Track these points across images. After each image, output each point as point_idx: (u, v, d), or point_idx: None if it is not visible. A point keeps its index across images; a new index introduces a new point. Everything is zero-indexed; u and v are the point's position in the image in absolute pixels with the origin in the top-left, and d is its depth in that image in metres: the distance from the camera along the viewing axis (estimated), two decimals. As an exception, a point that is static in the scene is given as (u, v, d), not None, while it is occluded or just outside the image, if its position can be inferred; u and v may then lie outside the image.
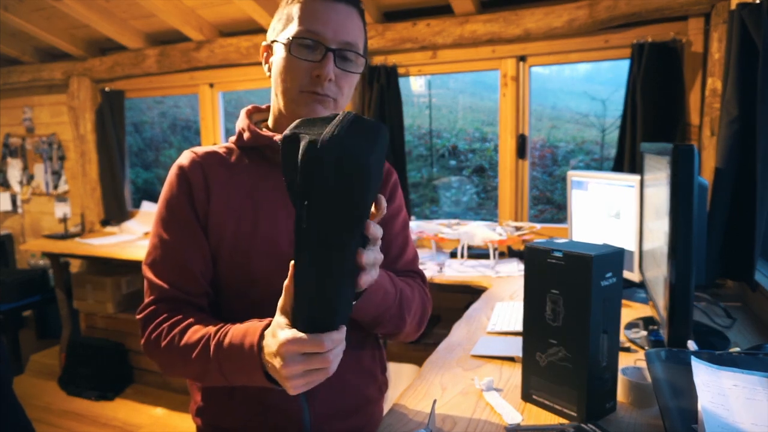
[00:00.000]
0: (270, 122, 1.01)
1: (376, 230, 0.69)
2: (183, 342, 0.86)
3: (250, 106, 1.05)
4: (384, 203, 0.71)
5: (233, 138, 1.02)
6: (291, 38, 0.90)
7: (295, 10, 0.91)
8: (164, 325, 0.89)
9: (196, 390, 1.03)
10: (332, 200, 0.62)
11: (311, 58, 0.90)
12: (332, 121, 0.63)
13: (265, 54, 0.99)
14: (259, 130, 0.98)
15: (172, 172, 0.98)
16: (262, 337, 0.77)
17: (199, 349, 0.84)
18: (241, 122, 1.01)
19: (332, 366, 0.70)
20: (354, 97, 2.79)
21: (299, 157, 0.62)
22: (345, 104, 0.97)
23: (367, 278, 0.70)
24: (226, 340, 0.81)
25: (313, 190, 0.62)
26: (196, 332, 0.86)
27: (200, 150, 1.00)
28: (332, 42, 0.90)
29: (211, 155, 0.99)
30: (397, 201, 1.10)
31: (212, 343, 0.82)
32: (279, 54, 0.93)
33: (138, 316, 0.93)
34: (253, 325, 0.80)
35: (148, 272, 0.95)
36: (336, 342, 0.69)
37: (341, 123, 0.63)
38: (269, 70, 0.98)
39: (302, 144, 0.62)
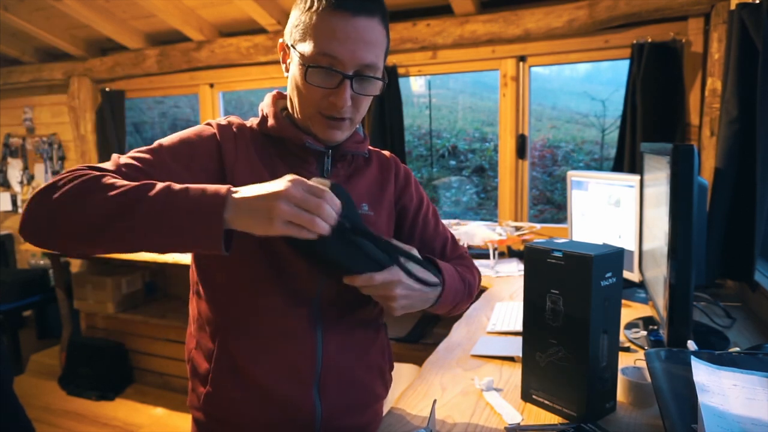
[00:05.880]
0: (291, 112, 0.98)
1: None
2: (113, 180, 0.75)
3: (275, 92, 1.02)
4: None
5: (255, 120, 0.99)
6: (306, 65, 0.87)
7: (313, 22, 0.86)
8: (96, 173, 0.77)
9: (199, 381, 1.00)
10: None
11: (327, 84, 0.87)
12: None
13: (282, 52, 0.96)
14: (285, 122, 0.96)
15: (207, 126, 0.95)
16: (230, 191, 0.73)
17: (132, 187, 0.73)
18: (268, 108, 0.99)
19: (319, 222, 0.72)
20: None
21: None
22: (361, 118, 0.96)
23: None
24: (178, 186, 0.74)
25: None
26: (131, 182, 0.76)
27: (234, 119, 0.98)
28: (349, 66, 0.86)
29: (244, 127, 0.97)
30: (425, 199, 1.15)
31: (158, 186, 0.74)
32: (295, 70, 0.91)
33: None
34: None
35: (121, 159, 0.85)
36: (334, 204, 0.74)
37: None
38: (287, 70, 0.95)
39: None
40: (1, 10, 3.10)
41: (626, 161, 2.32)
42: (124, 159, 0.86)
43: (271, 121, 0.96)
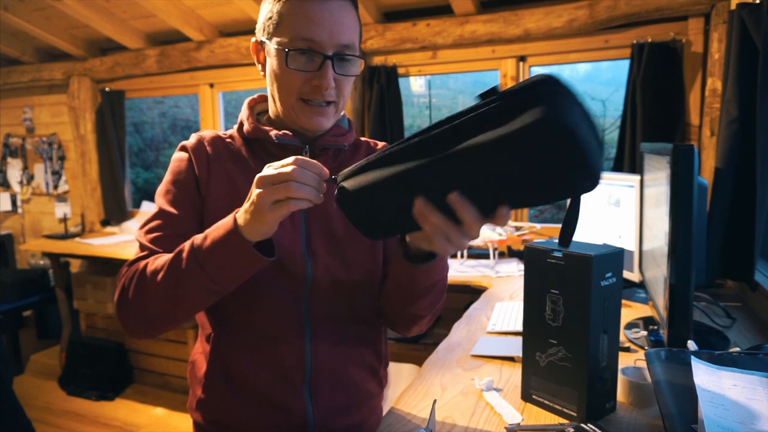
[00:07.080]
0: (271, 113, 1.00)
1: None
2: (155, 264, 0.85)
3: (255, 96, 1.04)
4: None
5: (236, 127, 1.02)
6: (286, 50, 0.87)
7: (285, 9, 0.88)
8: (141, 263, 0.88)
9: (197, 384, 1.01)
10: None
11: (308, 67, 0.88)
12: None
13: (256, 54, 0.97)
14: (258, 123, 0.98)
15: (179, 151, 0.99)
16: (234, 215, 0.79)
17: (172, 258, 0.83)
18: (243, 112, 1.01)
19: (294, 186, 0.71)
20: (354, 97, 2.79)
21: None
22: (345, 104, 0.97)
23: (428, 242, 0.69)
24: (199, 238, 0.81)
25: None
26: (168, 254, 0.86)
27: (207, 134, 1.00)
28: (329, 47, 0.87)
29: (218, 140, 1.00)
30: None
31: (186, 248, 0.82)
32: (273, 60, 0.91)
33: (121, 272, 0.91)
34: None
35: (144, 237, 0.93)
36: (308, 165, 0.72)
37: None
38: (263, 69, 0.97)
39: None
40: (1, 10, 3.10)
41: (626, 161, 2.32)
42: (148, 237, 0.93)
43: (246, 126, 0.99)
